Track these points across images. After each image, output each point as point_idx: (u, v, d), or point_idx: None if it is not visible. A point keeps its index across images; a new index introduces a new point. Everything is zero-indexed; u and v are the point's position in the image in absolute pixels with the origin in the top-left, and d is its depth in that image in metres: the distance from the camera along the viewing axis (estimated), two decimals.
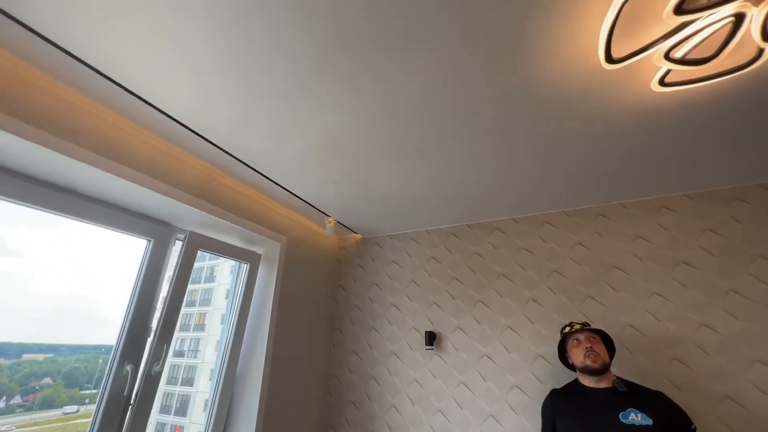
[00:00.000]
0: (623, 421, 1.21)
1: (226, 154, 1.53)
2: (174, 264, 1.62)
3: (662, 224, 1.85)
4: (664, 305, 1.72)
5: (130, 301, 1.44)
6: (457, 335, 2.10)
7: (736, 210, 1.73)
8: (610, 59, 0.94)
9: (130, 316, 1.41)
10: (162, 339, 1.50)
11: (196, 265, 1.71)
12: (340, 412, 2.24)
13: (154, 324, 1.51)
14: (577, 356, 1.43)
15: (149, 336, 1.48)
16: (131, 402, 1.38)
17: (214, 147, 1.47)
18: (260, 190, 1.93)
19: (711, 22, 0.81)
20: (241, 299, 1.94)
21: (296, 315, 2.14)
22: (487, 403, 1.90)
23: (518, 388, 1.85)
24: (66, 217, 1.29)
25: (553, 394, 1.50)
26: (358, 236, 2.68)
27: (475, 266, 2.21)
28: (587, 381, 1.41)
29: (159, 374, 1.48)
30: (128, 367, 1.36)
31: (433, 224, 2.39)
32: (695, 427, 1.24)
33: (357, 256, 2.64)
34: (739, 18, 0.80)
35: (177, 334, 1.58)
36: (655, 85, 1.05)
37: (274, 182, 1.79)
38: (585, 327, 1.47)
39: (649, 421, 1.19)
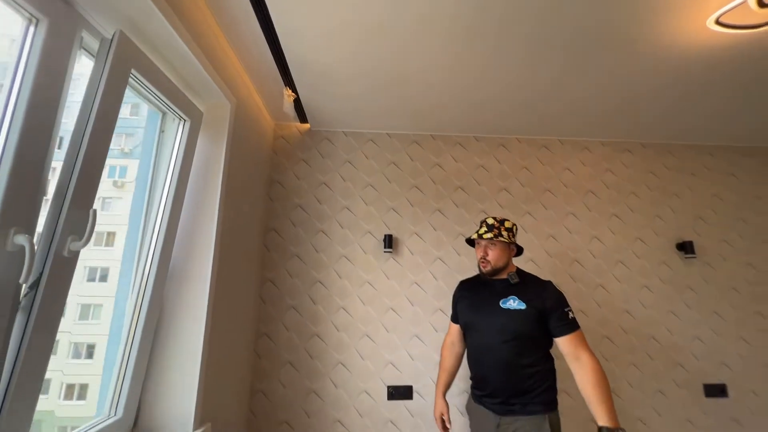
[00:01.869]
0: (501, 306, 1.36)
1: None
2: (96, 84, 0.93)
3: (582, 160, 2.32)
4: (574, 223, 2.23)
5: (7, 132, 0.76)
6: (414, 240, 2.14)
7: (626, 158, 2.34)
8: None
9: (11, 153, 0.75)
10: (80, 199, 0.89)
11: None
12: (277, 318, 2.00)
13: (57, 172, 0.87)
14: (476, 256, 1.48)
15: (45, 194, 0.84)
16: (28, 296, 0.80)
17: None
18: (223, 27, 1.29)
19: None
20: (177, 172, 1.34)
21: (236, 206, 1.66)
22: (436, 298, 2.07)
23: None
24: None
25: (461, 283, 1.62)
26: (305, 126, 2.23)
27: (436, 177, 2.23)
28: (483, 272, 1.47)
29: (76, 256, 0.90)
30: (20, 240, 0.76)
31: (397, 128, 2.22)
32: (569, 309, 1.33)
33: (301, 149, 2.22)
34: None
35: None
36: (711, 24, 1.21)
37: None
38: (483, 235, 1.43)
39: (523, 306, 1.33)
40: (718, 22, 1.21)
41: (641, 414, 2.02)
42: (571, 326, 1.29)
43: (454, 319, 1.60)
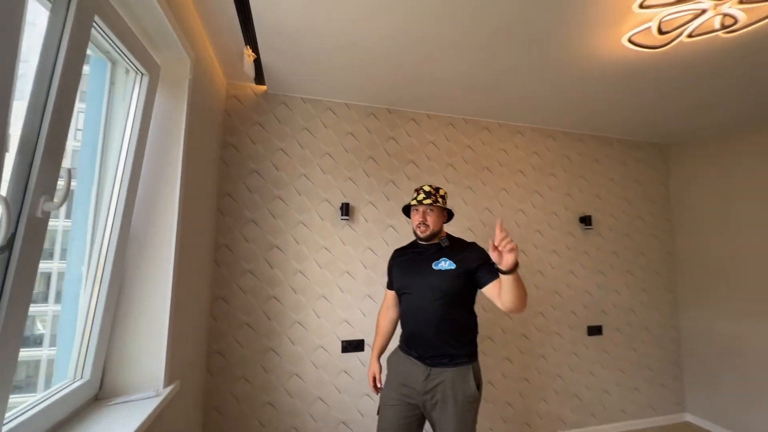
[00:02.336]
0: (434, 268, 1.45)
1: None
2: (58, 32, 0.85)
3: (516, 144, 2.65)
4: (505, 197, 2.58)
5: None
6: (369, 209, 2.28)
7: (549, 144, 2.73)
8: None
9: None
10: (50, 156, 0.84)
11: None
12: (232, 282, 2.02)
13: (19, 125, 0.81)
14: (413, 222, 1.52)
15: (7, 149, 0.79)
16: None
17: None
18: None
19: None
20: (137, 131, 1.26)
21: (195, 169, 1.61)
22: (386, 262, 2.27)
23: None
24: None
25: (395, 252, 1.68)
26: (261, 88, 2.15)
27: (390, 150, 2.37)
28: (418, 238, 1.55)
29: (47, 218, 0.86)
30: None
31: (355, 99, 2.27)
32: (492, 262, 1.34)
33: (257, 112, 2.15)
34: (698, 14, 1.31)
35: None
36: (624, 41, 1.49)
37: None
38: (423, 201, 1.49)
39: (453, 266, 1.43)
40: (630, 41, 1.50)
41: (542, 351, 2.54)
42: (495, 274, 1.38)
43: (390, 286, 1.66)
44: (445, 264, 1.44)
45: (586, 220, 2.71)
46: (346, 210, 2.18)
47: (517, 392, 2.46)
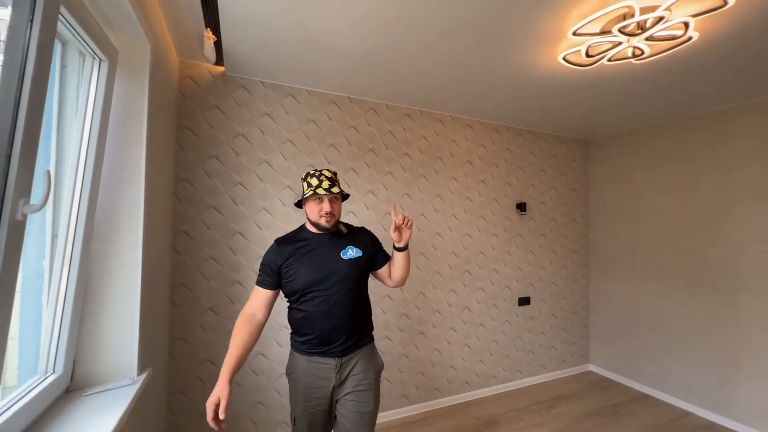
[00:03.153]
0: (343, 257, 1.39)
1: None
2: (25, 25, 0.81)
3: (465, 136, 2.88)
4: (455, 185, 2.83)
5: None
6: None
7: (494, 137, 3.01)
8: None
9: None
10: (26, 158, 0.83)
11: None
12: (194, 269, 2.02)
13: None
14: (313, 213, 1.38)
15: None
16: None
17: None
18: None
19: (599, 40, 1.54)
20: (98, 119, 1.21)
21: (156, 155, 1.57)
22: None
23: None
24: None
25: (280, 243, 1.42)
26: (218, 69, 2.07)
27: (351, 138, 2.45)
28: (314, 229, 1.42)
29: (23, 222, 0.86)
30: None
31: (317, 86, 2.29)
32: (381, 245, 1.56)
33: (214, 95, 2.08)
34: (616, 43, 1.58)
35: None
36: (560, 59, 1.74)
37: None
38: (330, 189, 1.36)
39: (360, 253, 1.43)
40: (564, 59, 1.75)
41: (482, 321, 2.92)
42: (387, 256, 1.54)
43: (268, 284, 1.38)
44: (353, 252, 1.42)
45: (521, 207, 3.08)
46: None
47: (460, 357, 2.82)
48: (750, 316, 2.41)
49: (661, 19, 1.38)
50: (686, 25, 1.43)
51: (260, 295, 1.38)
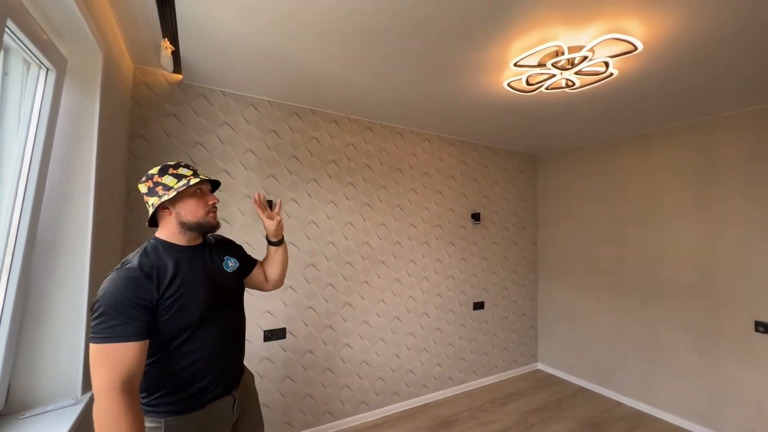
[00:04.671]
0: (227, 270, 1.20)
1: None
2: None
3: (424, 149, 3.03)
4: (413, 196, 2.95)
5: None
6: (290, 205, 2.40)
7: (451, 150, 3.18)
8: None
9: None
10: None
11: None
12: None
13: None
14: (197, 209, 1.10)
15: None
16: None
17: None
18: None
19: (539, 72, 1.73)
20: (43, 131, 1.17)
21: (107, 166, 1.52)
22: (308, 255, 2.45)
23: (333, 245, 2.54)
24: None
25: (145, 267, 1.00)
26: (176, 77, 2.04)
27: (313, 149, 2.50)
28: (184, 239, 1.12)
29: None
30: None
31: (278, 97, 2.32)
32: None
33: (171, 102, 2.04)
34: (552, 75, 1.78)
35: None
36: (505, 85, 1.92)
37: None
38: (211, 177, 1.18)
39: (238, 263, 1.26)
40: (509, 85, 1.93)
41: (439, 325, 3.06)
42: (254, 260, 1.39)
43: (140, 332, 0.92)
44: (233, 263, 1.23)
45: (476, 216, 3.28)
46: (269, 207, 2.25)
47: (418, 361, 2.93)
48: (664, 315, 2.75)
49: (585, 57, 1.58)
50: (606, 63, 1.65)
51: (133, 352, 0.90)
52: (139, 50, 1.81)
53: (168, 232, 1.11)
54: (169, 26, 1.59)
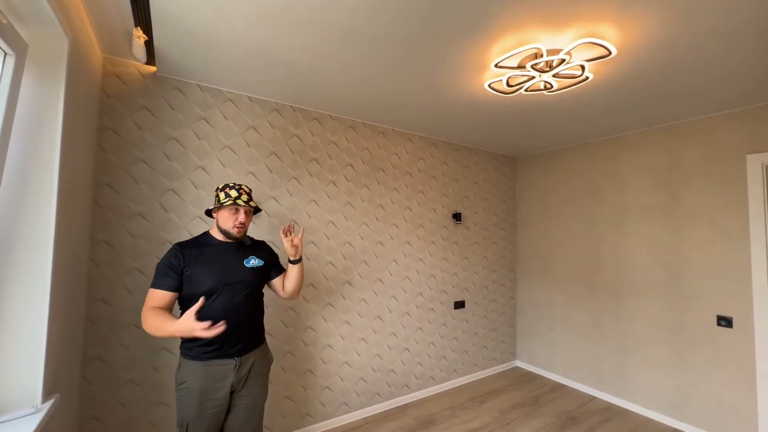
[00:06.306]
0: (246, 265, 1.57)
1: None
2: None
3: (406, 149, 3.04)
4: (396, 196, 2.95)
5: None
6: (270, 203, 2.35)
7: (432, 150, 3.20)
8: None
9: None
10: None
11: None
12: (116, 281, 1.85)
13: None
14: (227, 221, 1.53)
15: None
16: None
17: None
18: None
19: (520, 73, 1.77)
20: (0, 115, 1.09)
21: (72, 160, 1.44)
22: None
23: (314, 244, 2.50)
24: None
25: (183, 246, 1.50)
26: (149, 68, 1.95)
27: (294, 147, 2.45)
28: (220, 237, 1.57)
29: None
30: None
31: (258, 93, 2.27)
32: (278, 258, 1.78)
33: (143, 95, 1.95)
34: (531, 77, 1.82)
35: None
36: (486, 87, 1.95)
37: None
38: (249, 203, 1.56)
39: (261, 263, 1.63)
40: (489, 87, 1.96)
41: (420, 325, 3.07)
42: (281, 269, 1.74)
43: (169, 285, 1.42)
44: (255, 262, 1.60)
45: (457, 216, 3.31)
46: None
47: (400, 360, 2.93)
48: (635, 312, 2.86)
49: (563, 60, 1.63)
50: (582, 67, 1.71)
51: (161, 297, 1.41)
52: (109, 39, 1.72)
53: (214, 228, 1.59)
54: (141, 14, 1.53)
